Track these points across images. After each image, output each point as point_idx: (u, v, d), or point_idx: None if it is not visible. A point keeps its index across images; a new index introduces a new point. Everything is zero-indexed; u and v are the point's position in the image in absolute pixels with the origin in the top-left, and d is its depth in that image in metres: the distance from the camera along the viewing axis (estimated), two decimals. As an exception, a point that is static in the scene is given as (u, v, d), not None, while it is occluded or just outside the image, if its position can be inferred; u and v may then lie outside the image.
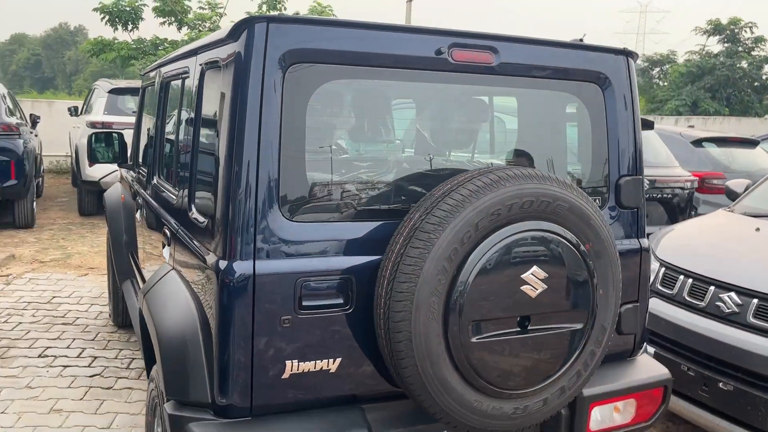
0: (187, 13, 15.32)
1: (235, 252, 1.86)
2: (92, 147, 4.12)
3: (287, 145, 1.88)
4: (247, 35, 1.86)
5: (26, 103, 13.06)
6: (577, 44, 2.34)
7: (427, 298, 1.79)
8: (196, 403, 1.95)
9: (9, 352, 4.37)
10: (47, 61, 72.47)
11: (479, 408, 1.90)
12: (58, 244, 7.43)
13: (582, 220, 1.95)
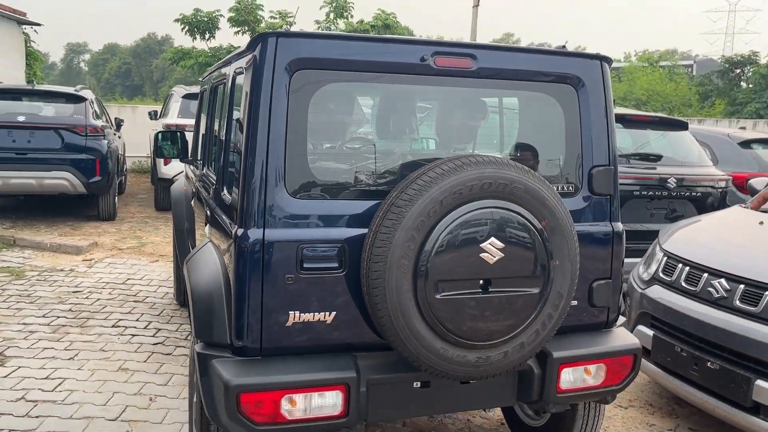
0: (260, 22, 16.19)
1: (249, 222, 2.32)
2: (158, 144, 4.71)
3: (292, 136, 2.31)
4: (260, 47, 2.32)
5: (113, 108, 14.19)
6: (551, 50, 2.68)
7: (398, 260, 2.18)
8: (218, 344, 2.41)
9: (88, 322, 5.04)
10: (136, 69, 76.47)
11: (445, 355, 2.27)
12: (135, 234, 8.21)
13: (537, 200, 2.29)
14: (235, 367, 2.31)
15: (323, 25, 16.55)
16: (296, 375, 2.31)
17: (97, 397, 3.78)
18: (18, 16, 12.89)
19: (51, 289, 5.87)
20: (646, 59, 34.51)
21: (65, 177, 8.06)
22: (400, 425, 3.62)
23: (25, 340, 4.61)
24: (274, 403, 2.28)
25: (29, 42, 14.40)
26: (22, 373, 4.07)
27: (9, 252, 7.14)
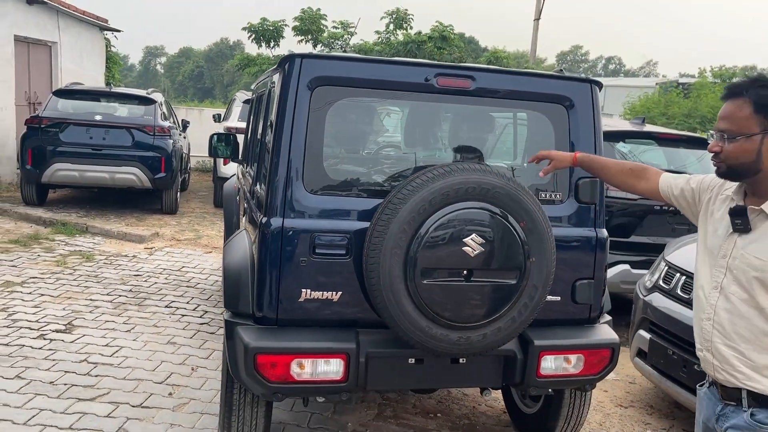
0: (323, 31, 16.82)
1: (272, 212, 2.76)
2: (213, 145, 5.26)
3: (311, 142, 2.75)
4: (288, 66, 2.76)
5: (182, 110, 15.10)
6: (544, 73, 3.02)
7: (391, 249, 2.57)
8: (242, 314, 2.85)
9: (145, 302, 5.63)
10: (208, 73, 79.04)
11: (430, 332, 2.64)
12: (193, 227, 8.88)
13: (516, 203, 2.64)
14: (254, 333, 2.75)
15: (383, 36, 17.05)
16: (305, 343, 2.73)
17: (147, 364, 4.32)
18: (100, 23, 13.92)
19: (115, 271, 6.53)
20: (719, 75, 33.58)
21: (134, 172, 8.81)
22: (410, 406, 4.01)
23: (90, 313, 5.23)
24: (286, 366, 2.71)
25: (110, 46, 15.48)
26: (86, 340, 4.67)
27: (81, 237, 7.89)
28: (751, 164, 1.83)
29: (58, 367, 4.16)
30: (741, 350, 1.87)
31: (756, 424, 1.84)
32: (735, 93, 1.85)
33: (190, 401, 3.85)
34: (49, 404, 3.67)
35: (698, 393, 2.11)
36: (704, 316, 1.97)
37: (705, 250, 2.02)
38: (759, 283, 1.82)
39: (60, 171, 8.63)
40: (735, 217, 1.89)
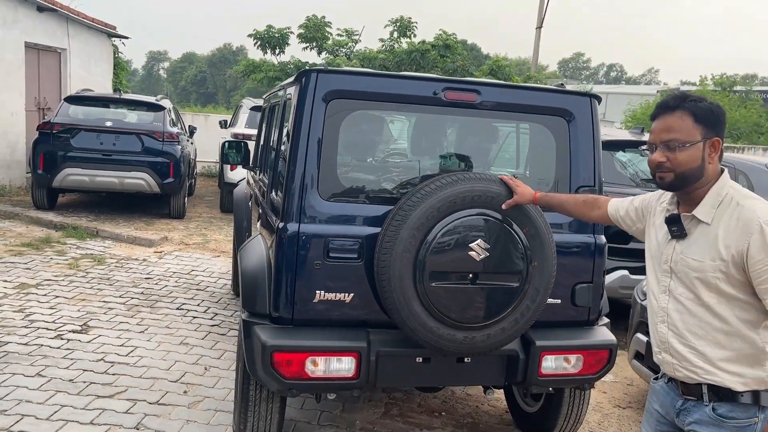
0: (327, 39, 17.00)
1: (289, 217, 2.92)
2: (225, 152, 5.42)
3: (325, 152, 2.91)
4: (304, 80, 2.93)
5: (188, 116, 15.29)
6: (545, 87, 3.19)
7: (402, 253, 2.73)
8: (260, 314, 3.01)
9: (156, 304, 5.79)
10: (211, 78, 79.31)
11: (437, 332, 2.80)
12: (201, 232, 9.04)
13: (519, 210, 2.81)
14: (271, 332, 2.90)
15: (387, 44, 17.23)
16: (319, 341, 2.89)
17: (161, 363, 4.48)
18: (108, 30, 14.13)
19: (127, 274, 6.69)
20: (720, 83, 33.77)
21: (143, 177, 8.98)
22: (416, 405, 4.16)
23: (105, 315, 5.39)
24: (300, 363, 2.87)
25: (117, 53, 15.69)
26: (102, 340, 4.83)
27: (92, 241, 8.06)
28: (697, 169, 1.97)
29: (77, 366, 4.32)
30: (695, 346, 1.99)
31: (719, 418, 1.96)
32: (671, 107, 2.00)
33: (205, 399, 4.00)
34: (70, 401, 3.83)
35: (653, 386, 2.22)
36: (658, 319, 2.10)
37: (650, 258, 2.18)
38: (700, 282, 1.96)
39: (71, 176, 8.80)
40: (671, 225, 2.05)
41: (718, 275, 1.93)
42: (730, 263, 1.91)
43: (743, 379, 1.95)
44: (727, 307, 1.95)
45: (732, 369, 1.96)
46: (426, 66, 16.02)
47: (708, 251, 1.95)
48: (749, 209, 1.90)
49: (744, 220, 1.90)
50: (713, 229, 1.95)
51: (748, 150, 18.95)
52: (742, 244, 1.89)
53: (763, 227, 1.86)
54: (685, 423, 2.04)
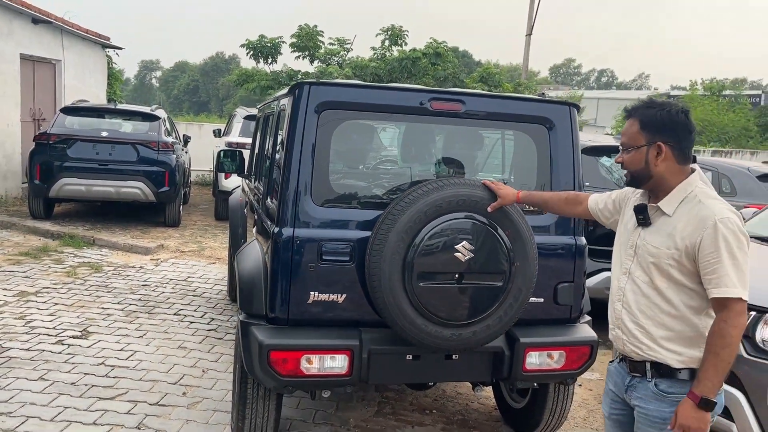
0: (319, 48, 17.18)
1: (284, 222, 3.07)
2: (220, 160, 5.58)
3: (317, 160, 3.06)
4: (297, 92, 3.08)
5: (182, 125, 15.43)
6: (527, 97, 3.36)
7: (391, 255, 2.88)
8: (256, 315, 3.15)
9: (154, 310, 5.92)
10: (203, 87, 79.42)
11: (425, 330, 2.95)
12: (196, 239, 9.17)
13: (501, 213, 2.96)
14: (268, 332, 3.04)
15: (378, 52, 17.43)
16: (313, 340, 3.03)
17: (160, 367, 4.61)
18: (103, 41, 14.27)
19: (124, 282, 6.81)
20: (709, 88, 34.18)
21: (139, 186, 9.11)
22: (408, 404, 4.30)
23: (104, 321, 5.52)
24: (296, 361, 3.01)
25: (111, 63, 15.83)
26: (102, 345, 4.95)
27: (89, 249, 8.18)
28: (643, 170, 2.23)
29: (78, 370, 4.45)
30: (643, 325, 2.24)
31: (660, 393, 2.20)
32: (629, 114, 2.29)
33: (203, 400, 4.14)
34: (73, 402, 3.95)
35: (609, 367, 2.49)
36: (615, 298, 2.36)
37: (618, 244, 2.41)
38: (655, 267, 2.20)
39: (67, 185, 8.92)
40: (638, 214, 2.29)
41: (671, 262, 2.17)
42: (683, 253, 2.14)
43: (681, 357, 2.19)
44: (676, 293, 2.19)
45: (671, 347, 2.19)
46: (417, 74, 16.22)
47: (666, 240, 2.18)
48: (708, 207, 2.12)
49: (701, 216, 2.12)
50: (673, 221, 2.19)
51: (735, 154, 19.23)
52: (696, 236, 2.11)
53: (717, 224, 2.08)
54: (632, 398, 2.30)
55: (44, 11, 11.60)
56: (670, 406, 2.17)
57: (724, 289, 2.07)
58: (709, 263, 2.09)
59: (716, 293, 2.09)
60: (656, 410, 2.21)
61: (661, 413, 2.20)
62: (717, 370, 2.07)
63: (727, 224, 2.08)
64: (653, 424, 2.21)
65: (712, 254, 2.08)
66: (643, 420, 2.25)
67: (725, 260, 2.07)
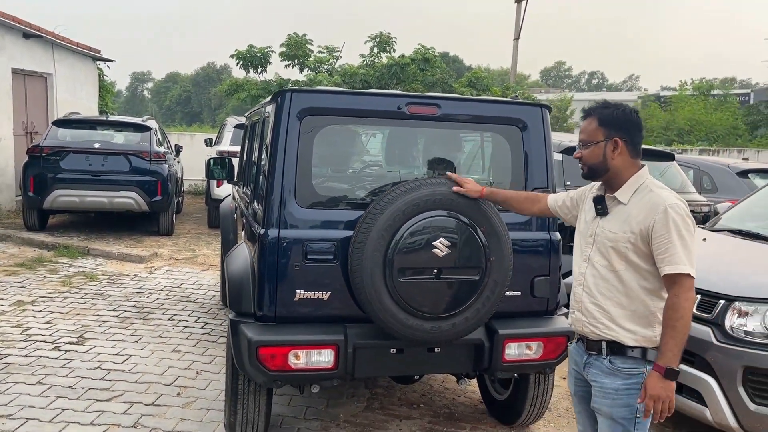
0: (309, 56, 17.35)
1: (269, 224, 3.21)
2: (210, 168, 5.72)
3: (301, 163, 3.21)
4: (280, 99, 3.23)
5: (174, 136, 15.55)
6: (500, 99, 3.52)
7: (372, 253, 3.03)
8: (245, 313, 3.29)
9: (149, 316, 6.04)
10: (195, 97, 79.36)
11: (407, 323, 3.09)
12: (189, 247, 9.29)
13: (477, 211, 3.12)
14: (256, 329, 3.18)
15: (367, 59, 17.62)
16: (300, 336, 3.17)
17: (155, 369, 4.74)
18: (93, 54, 14.41)
19: (119, 289, 6.93)
20: (698, 88, 34.55)
21: (132, 196, 9.23)
22: (396, 399, 4.44)
23: (99, 327, 5.64)
24: (284, 356, 3.14)
25: (102, 76, 15.96)
26: (98, 350, 5.07)
27: (84, 259, 8.30)
28: (601, 164, 2.46)
29: (75, 374, 4.57)
30: (602, 305, 2.45)
31: (614, 368, 2.43)
32: (588, 113, 2.52)
33: (197, 399, 4.26)
34: (70, 405, 4.07)
35: (569, 349, 2.73)
36: (576, 283, 2.57)
37: (578, 235, 2.62)
38: (614, 251, 2.42)
39: (61, 197, 9.04)
40: (597, 204, 2.52)
41: (627, 245, 2.39)
42: (638, 236, 2.36)
43: (635, 336, 2.40)
44: (632, 274, 2.40)
45: (628, 326, 2.41)
46: (406, 80, 16.42)
47: (622, 225, 2.41)
48: (658, 195, 2.37)
49: (653, 203, 2.36)
50: (628, 208, 2.42)
51: (723, 152, 19.48)
52: (649, 221, 2.34)
53: (667, 209, 2.31)
54: (589, 374, 2.53)
55: (35, 26, 11.73)
56: (622, 379, 2.40)
57: (674, 266, 2.29)
58: (662, 243, 2.31)
59: (668, 270, 2.30)
60: (610, 383, 2.43)
61: (614, 385, 2.42)
62: (676, 341, 2.28)
63: (675, 209, 2.31)
64: (606, 395, 2.44)
65: (663, 236, 2.30)
66: (598, 392, 2.48)
67: (675, 240, 2.29)
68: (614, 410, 2.41)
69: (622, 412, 2.40)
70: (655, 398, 2.27)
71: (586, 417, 2.67)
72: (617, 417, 2.41)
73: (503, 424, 4.13)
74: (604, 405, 2.45)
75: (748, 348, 3.49)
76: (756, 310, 3.54)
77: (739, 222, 4.85)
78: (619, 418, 2.40)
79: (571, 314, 2.61)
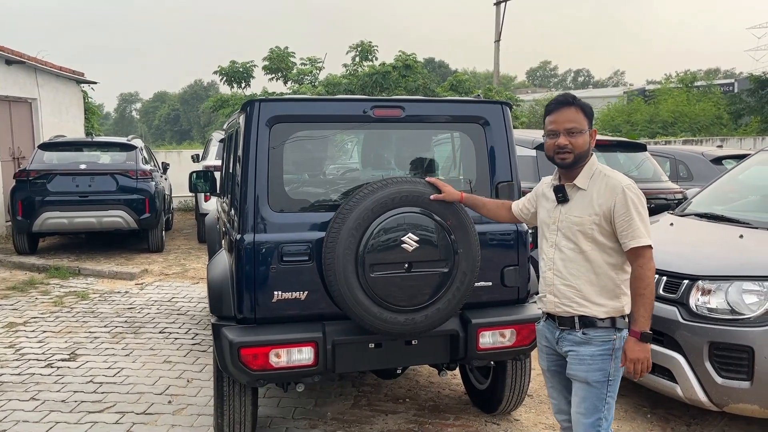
0: (291, 69, 17.53)
1: (245, 229, 3.33)
2: (193, 182, 5.84)
3: (272, 170, 3.34)
4: (249, 109, 3.37)
5: (161, 153, 15.66)
6: (462, 99, 3.66)
7: (343, 251, 3.15)
8: (226, 317, 3.40)
9: (140, 330, 6.15)
10: (184, 115, 79.45)
11: (381, 317, 3.21)
12: (180, 262, 9.40)
13: (442, 205, 3.25)
14: (237, 331, 3.30)
15: (350, 68, 17.81)
16: (280, 335, 3.28)
17: (147, 380, 4.84)
18: (77, 77, 14.53)
19: (110, 306, 7.03)
20: (682, 80, 34.86)
21: (120, 215, 9.34)
22: (383, 395, 4.56)
23: (91, 343, 5.74)
24: (265, 356, 3.26)
25: (87, 98, 16.07)
26: (89, 365, 5.18)
27: (75, 279, 8.39)
28: (585, 152, 2.66)
29: (68, 389, 4.67)
30: (573, 285, 2.65)
31: (587, 338, 2.63)
32: (570, 103, 2.68)
33: (188, 406, 4.37)
34: (63, 418, 4.18)
35: (537, 327, 2.92)
36: (546, 268, 2.76)
37: (542, 225, 2.82)
38: (581, 233, 2.62)
39: (50, 219, 9.14)
40: (557, 193, 2.71)
41: (593, 227, 2.60)
42: (601, 217, 2.59)
43: (605, 308, 2.61)
44: (598, 253, 2.62)
45: (598, 301, 2.61)
46: (389, 87, 16.60)
47: (586, 209, 2.63)
48: (614, 179, 2.62)
49: (611, 186, 2.60)
50: (588, 193, 2.64)
51: (705, 142, 19.70)
52: (610, 202, 2.57)
53: (625, 190, 2.56)
54: (563, 347, 2.72)
55: (17, 52, 11.85)
56: (596, 346, 2.61)
57: (637, 240, 2.53)
58: (624, 221, 2.54)
59: (632, 244, 2.53)
60: (585, 351, 2.63)
61: (589, 352, 2.62)
62: (646, 308, 2.53)
63: (631, 189, 2.57)
64: (582, 361, 2.63)
65: (624, 214, 2.54)
66: (573, 360, 2.66)
67: (635, 217, 2.53)
68: (589, 374, 2.61)
69: (596, 376, 2.60)
70: (634, 361, 2.53)
71: (559, 390, 2.86)
72: (592, 381, 2.61)
73: (486, 412, 4.25)
74: (580, 371, 2.63)
75: (713, 324, 3.63)
76: (718, 287, 3.69)
77: (705, 206, 5.00)
78: (594, 382, 2.61)
79: (541, 298, 2.80)
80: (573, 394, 2.72)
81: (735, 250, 4.04)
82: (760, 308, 3.57)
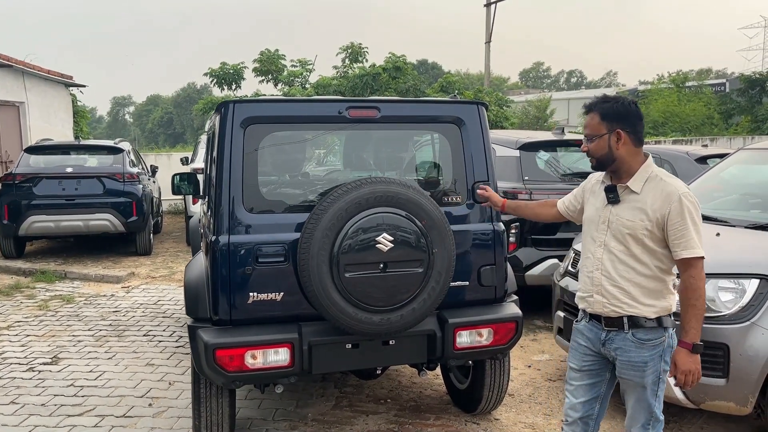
0: (282, 71, 17.53)
1: (219, 231, 3.33)
2: (176, 184, 5.82)
3: (247, 171, 3.33)
4: (223, 110, 3.36)
5: (150, 156, 15.62)
6: (438, 99, 3.67)
7: (318, 251, 3.15)
8: (202, 319, 3.40)
9: (124, 333, 6.13)
10: (177, 118, 79.24)
11: (356, 317, 3.21)
12: (167, 265, 9.37)
13: (417, 206, 3.25)
14: (212, 333, 3.29)
15: (340, 70, 17.83)
16: (256, 336, 3.27)
17: (128, 383, 4.83)
18: (65, 80, 14.50)
19: (95, 310, 7.01)
20: (673, 81, 35.00)
21: (107, 218, 9.30)
22: (364, 396, 4.55)
23: (74, 347, 5.72)
24: (241, 357, 3.25)
25: (76, 101, 16.03)
26: (71, 369, 5.16)
27: (61, 283, 8.36)
28: (607, 155, 2.65)
29: (48, 392, 4.65)
30: (622, 286, 2.64)
31: (638, 341, 2.63)
32: (589, 108, 2.71)
33: (168, 409, 4.36)
34: (43, 421, 4.16)
35: (576, 326, 2.89)
36: (593, 268, 2.73)
37: (588, 223, 2.81)
38: (631, 237, 2.61)
39: (36, 223, 9.09)
40: (608, 193, 2.69)
41: (645, 232, 2.59)
42: (654, 224, 2.57)
43: (655, 308, 2.62)
44: (648, 257, 2.61)
45: (647, 302, 2.62)
46: (379, 88, 16.62)
47: (638, 214, 2.60)
48: (671, 185, 2.58)
49: (667, 192, 2.56)
50: (642, 197, 2.61)
51: (695, 142, 19.78)
52: (665, 209, 2.54)
53: (682, 198, 2.53)
54: (611, 350, 2.71)
55: (4, 56, 11.83)
56: (649, 351, 2.63)
57: (690, 251, 2.52)
58: (677, 230, 2.52)
59: (684, 254, 2.53)
60: (638, 356, 2.64)
61: (642, 358, 2.64)
62: (697, 318, 2.53)
63: (688, 197, 2.55)
64: (635, 367, 2.65)
65: (678, 223, 2.52)
66: (626, 366, 2.67)
67: (690, 227, 2.52)
68: (646, 379, 2.65)
69: (651, 379, 2.64)
70: (686, 372, 2.54)
71: (584, 390, 2.86)
72: (648, 384, 2.65)
73: (466, 412, 4.26)
74: (634, 377, 2.67)
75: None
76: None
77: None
78: (649, 384, 2.65)
79: (586, 299, 2.78)
80: (626, 396, 2.76)
81: (711, 248, 4.02)
82: (735, 306, 3.58)
